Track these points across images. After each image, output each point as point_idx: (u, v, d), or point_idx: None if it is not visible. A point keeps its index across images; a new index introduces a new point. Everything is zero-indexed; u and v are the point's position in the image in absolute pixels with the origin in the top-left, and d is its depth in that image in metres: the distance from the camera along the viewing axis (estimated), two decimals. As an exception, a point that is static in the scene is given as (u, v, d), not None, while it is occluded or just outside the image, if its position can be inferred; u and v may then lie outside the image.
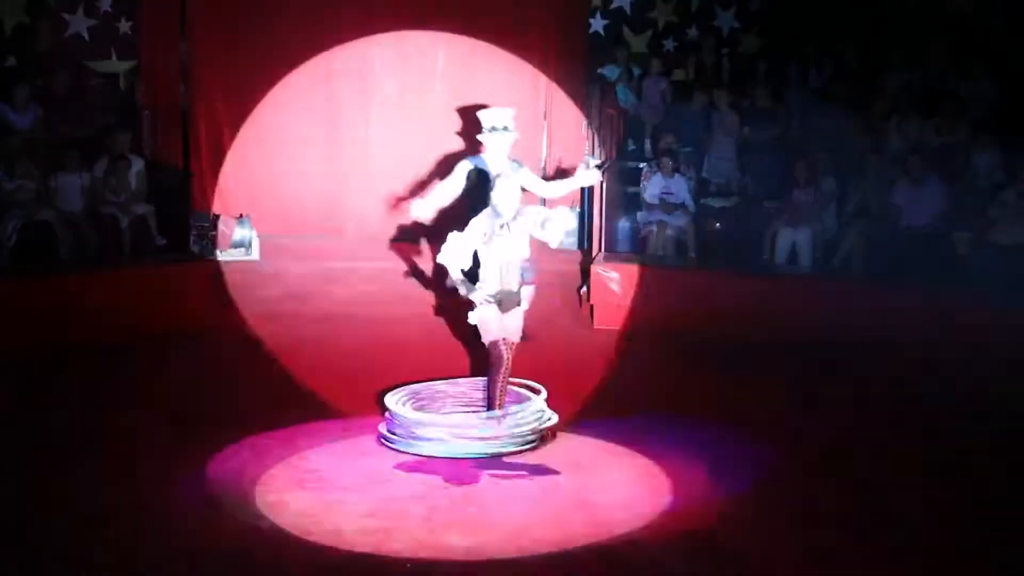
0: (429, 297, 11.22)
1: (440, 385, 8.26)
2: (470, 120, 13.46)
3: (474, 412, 7.89)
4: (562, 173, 11.15)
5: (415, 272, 11.82)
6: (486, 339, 7.70)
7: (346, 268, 12.35)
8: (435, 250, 7.92)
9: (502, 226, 7.64)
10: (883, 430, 8.18)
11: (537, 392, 7.85)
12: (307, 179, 13.64)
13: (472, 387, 8.23)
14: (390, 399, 7.76)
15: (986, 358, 9.16)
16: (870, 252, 11.54)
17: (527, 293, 7.78)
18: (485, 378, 7.89)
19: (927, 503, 6.81)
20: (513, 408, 7.68)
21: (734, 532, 6.34)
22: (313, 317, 11.11)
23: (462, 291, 7.68)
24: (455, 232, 7.67)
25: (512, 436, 7.49)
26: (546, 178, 10.67)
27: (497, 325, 7.66)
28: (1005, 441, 7.85)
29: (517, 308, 7.76)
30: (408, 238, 12.45)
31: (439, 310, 10.89)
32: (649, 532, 6.30)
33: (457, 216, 8.02)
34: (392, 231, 13.31)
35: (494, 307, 7.64)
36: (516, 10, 13.61)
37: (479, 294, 7.65)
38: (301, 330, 10.67)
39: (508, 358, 7.62)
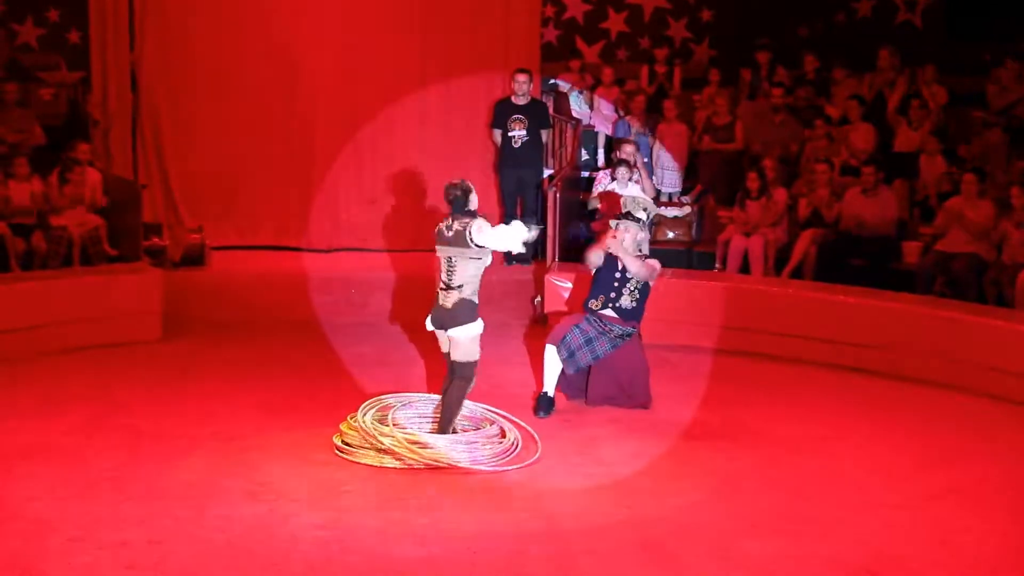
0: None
1: (416, 396, 8.17)
2: (427, 128, 13.56)
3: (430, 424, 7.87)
4: None
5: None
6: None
7: (299, 277, 12.31)
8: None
9: (448, 228, 7.59)
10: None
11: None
12: (261, 189, 13.60)
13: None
14: (361, 408, 7.70)
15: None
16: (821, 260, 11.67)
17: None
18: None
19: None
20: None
21: (686, 540, 6.36)
22: (266, 327, 11.08)
23: None
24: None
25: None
26: None
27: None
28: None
29: (442, 332, 7.66)
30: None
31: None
32: (603, 541, 6.31)
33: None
34: (352, 240, 13.42)
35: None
36: (471, 20, 13.65)
37: None
38: (254, 341, 10.63)
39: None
